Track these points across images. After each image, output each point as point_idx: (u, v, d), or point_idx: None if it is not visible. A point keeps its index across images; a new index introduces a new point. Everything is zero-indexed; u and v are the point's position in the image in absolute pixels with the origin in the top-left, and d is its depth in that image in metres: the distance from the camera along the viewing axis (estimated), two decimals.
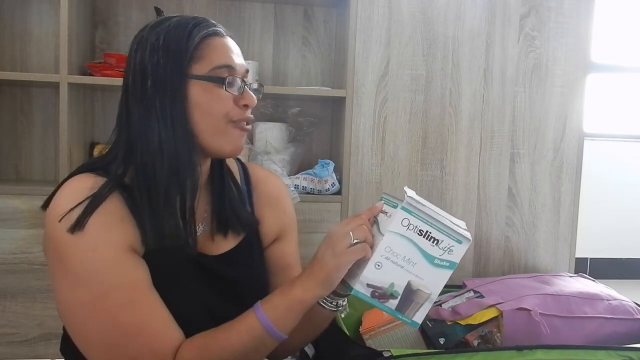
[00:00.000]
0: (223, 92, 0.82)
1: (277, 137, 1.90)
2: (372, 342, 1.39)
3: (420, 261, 0.75)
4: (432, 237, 0.75)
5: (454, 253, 0.75)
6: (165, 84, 0.80)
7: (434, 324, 1.43)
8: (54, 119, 1.91)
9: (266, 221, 0.99)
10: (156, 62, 0.80)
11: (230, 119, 0.83)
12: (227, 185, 0.93)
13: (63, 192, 0.79)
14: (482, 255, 2.00)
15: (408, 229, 0.74)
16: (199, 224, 0.90)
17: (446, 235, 0.75)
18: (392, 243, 0.74)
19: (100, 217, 0.76)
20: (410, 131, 1.93)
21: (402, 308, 0.77)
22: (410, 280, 0.76)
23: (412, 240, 0.74)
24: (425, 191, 1.95)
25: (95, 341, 0.78)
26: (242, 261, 0.94)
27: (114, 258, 0.77)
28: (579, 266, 2.98)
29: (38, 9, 1.92)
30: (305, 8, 2.06)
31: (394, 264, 0.75)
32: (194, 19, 0.85)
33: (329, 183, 1.81)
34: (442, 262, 0.75)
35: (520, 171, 2.00)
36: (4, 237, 1.64)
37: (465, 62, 1.94)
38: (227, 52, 0.84)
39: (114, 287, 0.76)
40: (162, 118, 0.80)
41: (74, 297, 0.77)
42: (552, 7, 1.97)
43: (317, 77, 2.09)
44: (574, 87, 2.01)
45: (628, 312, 1.51)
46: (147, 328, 0.77)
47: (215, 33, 0.84)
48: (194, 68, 0.81)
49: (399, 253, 0.75)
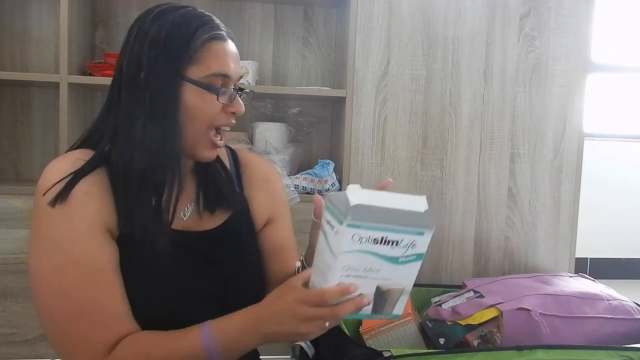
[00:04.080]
0: (214, 100, 0.82)
1: (277, 137, 1.90)
2: (372, 342, 1.39)
3: (384, 265, 0.68)
4: (389, 240, 0.67)
5: (418, 246, 0.68)
6: (158, 80, 0.80)
7: (434, 324, 1.43)
8: (54, 119, 1.91)
9: (257, 202, 0.99)
10: (154, 57, 0.80)
11: (212, 125, 0.84)
12: (212, 166, 0.94)
13: (49, 167, 0.81)
14: (482, 255, 2.00)
15: (361, 242, 0.66)
16: (187, 204, 0.91)
17: (404, 233, 0.67)
18: (347, 262, 0.67)
19: (82, 188, 0.78)
20: (410, 131, 1.93)
21: (378, 309, 0.72)
22: (378, 284, 0.70)
23: (369, 251, 0.67)
24: (425, 191, 1.95)
25: (46, 314, 0.78)
26: (229, 239, 0.93)
27: (84, 233, 0.77)
28: (579, 266, 2.98)
29: (38, 9, 1.92)
30: (305, 8, 2.06)
31: (357, 277, 0.69)
32: (199, 17, 0.84)
33: (329, 183, 1.81)
34: (407, 257, 0.69)
35: (520, 171, 2.00)
36: (4, 237, 1.64)
37: (465, 62, 1.94)
38: (225, 60, 0.83)
39: (74, 263, 0.77)
40: (150, 113, 0.80)
41: (36, 265, 0.78)
42: (552, 7, 1.97)
43: (317, 77, 2.09)
44: (574, 87, 2.01)
45: (628, 312, 1.51)
46: (92, 313, 0.77)
47: (218, 37, 0.83)
48: (191, 71, 0.81)
49: (358, 267, 0.68)
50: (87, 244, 0.78)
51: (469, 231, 1.99)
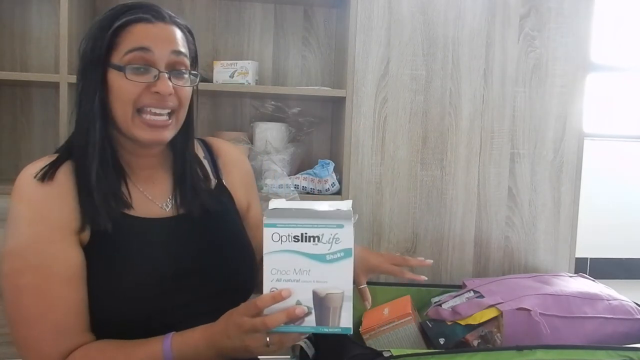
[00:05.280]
0: (132, 80, 0.82)
1: (277, 137, 1.90)
2: (372, 342, 1.39)
3: (313, 266, 0.69)
4: (310, 237, 0.68)
5: (342, 240, 0.68)
6: (87, 71, 0.84)
7: (434, 324, 1.43)
8: (54, 119, 1.91)
9: (235, 182, 1.03)
10: (84, 50, 0.85)
11: (137, 107, 0.84)
12: (187, 166, 0.94)
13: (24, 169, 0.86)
14: (482, 255, 2.00)
15: (282, 241, 0.68)
16: (162, 203, 0.92)
17: (323, 227, 0.68)
18: (274, 264, 0.69)
19: (46, 189, 0.81)
20: (410, 131, 1.93)
21: (322, 320, 0.70)
22: (314, 289, 0.69)
23: (293, 250, 0.68)
24: (425, 191, 1.95)
25: (6, 314, 0.80)
26: (216, 221, 0.94)
27: (45, 238, 0.79)
28: (579, 266, 2.99)
29: (38, 9, 1.92)
30: (305, 8, 2.06)
31: (288, 281, 0.69)
32: (128, 6, 0.85)
33: (329, 183, 1.81)
34: (334, 254, 0.69)
35: (520, 171, 2.00)
36: None
37: (465, 62, 1.94)
38: (144, 37, 0.83)
39: (31, 268, 0.78)
40: (83, 101, 0.84)
41: (2, 262, 0.79)
42: (552, 7, 1.97)
43: (317, 77, 2.09)
44: (574, 87, 2.01)
45: (628, 312, 1.51)
46: (42, 322, 0.77)
47: (139, 19, 0.83)
48: (113, 55, 0.83)
49: (287, 269, 0.69)
50: (46, 249, 0.78)
51: (469, 231, 1.99)
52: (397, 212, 1.94)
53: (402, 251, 1.95)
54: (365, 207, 1.93)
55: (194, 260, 0.89)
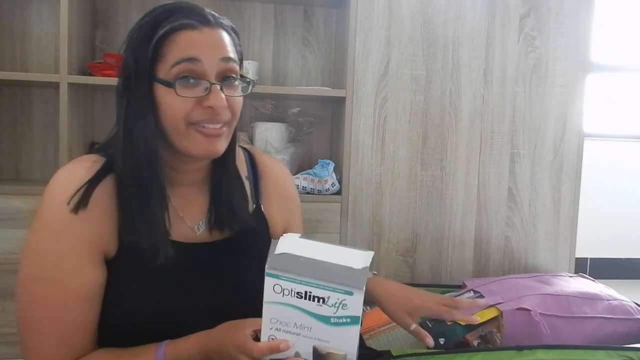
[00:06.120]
0: (179, 95, 0.76)
1: (277, 137, 1.90)
2: (372, 342, 1.39)
3: (315, 324, 0.63)
4: (314, 296, 0.62)
5: (350, 307, 0.62)
6: (132, 85, 0.77)
7: (434, 324, 1.43)
8: (54, 119, 1.91)
9: (274, 215, 0.97)
10: (126, 62, 0.79)
11: (189, 121, 0.78)
12: (226, 181, 0.89)
13: (62, 174, 0.81)
14: (482, 255, 2.00)
15: (283, 295, 0.63)
16: (200, 221, 0.88)
17: (330, 290, 0.62)
18: (274, 314, 0.64)
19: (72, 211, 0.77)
20: (410, 131, 1.93)
21: None
22: (315, 345, 0.65)
23: (294, 305, 0.63)
24: (425, 191, 1.95)
25: (16, 315, 0.80)
26: (237, 250, 0.89)
27: (70, 254, 0.77)
28: (579, 266, 2.98)
29: (38, 9, 1.92)
30: (305, 8, 2.06)
31: (287, 333, 0.64)
32: (167, 11, 0.78)
33: (329, 183, 1.81)
34: (340, 319, 0.62)
35: (520, 171, 2.00)
36: (4, 237, 1.64)
37: (465, 62, 1.94)
38: (190, 46, 0.76)
39: (49, 280, 0.76)
40: (131, 117, 0.78)
41: (21, 268, 0.78)
42: (552, 7, 1.97)
43: (317, 77, 2.09)
44: (574, 87, 2.01)
45: (628, 312, 1.51)
46: (50, 334, 0.77)
47: (182, 27, 0.76)
48: (158, 68, 0.77)
49: (288, 321, 0.64)
50: (69, 265, 0.77)
51: (469, 231, 1.99)
52: (397, 212, 1.94)
53: (402, 251, 1.95)
54: (365, 207, 1.93)
55: (213, 292, 0.86)
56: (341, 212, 1.80)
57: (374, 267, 1.94)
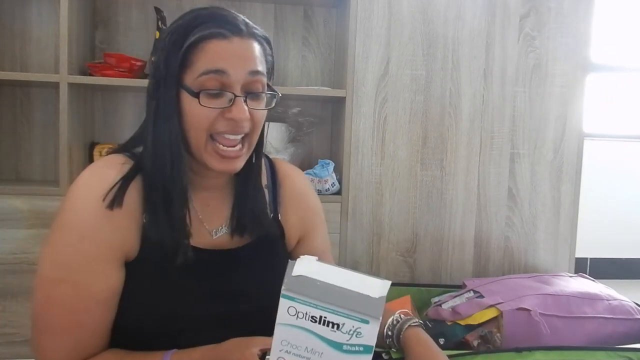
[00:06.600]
0: (203, 105, 0.77)
1: (277, 137, 1.90)
2: None
3: (327, 350, 0.62)
4: (329, 322, 0.61)
5: (364, 335, 0.61)
6: (161, 89, 0.78)
7: (434, 324, 1.43)
8: (54, 119, 1.91)
9: (290, 223, 0.96)
10: (157, 65, 0.79)
11: (210, 133, 0.78)
12: (251, 188, 0.89)
13: (91, 173, 0.80)
14: (482, 255, 2.00)
15: (297, 317, 0.62)
16: (221, 225, 0.89)
17: (346, 317, 0.61)
18: (286, 336, 0.63)
19: (109, 211, 0.77)
20: (410, 131, 1.93)
21: None
22: None
23: (308, 329, 0.62)
24: (425, 191, 1.95)
25: (32, 313, 0.79)
26: (253, 257, 0.90)
27: (91, 257, 0.76)
28: (579, 266, 2.98)
29: (38, 9, 1.92)
30: (305, 8, 2.06)
31: (297, 356, 0.64)
32: (200, 17, 0.78)
33: (329, 183, 1.81)
34: (353, 347, 0.62)
35: (520, 171, 2.00)
36: (4, 237, 1.64)
37: (465, 62, 1.94)
38: (219, 57, 0.76)
39: (69, 282, 0.76)
40: (158, 121, 0.79)
41: (40, 267, 0.78)
42: (552, 7, 1.97)
43: (317, 77, 2.09)
44: (574, 87, 2.01)
45: (628, 312, 1.51)
46: (64, 334, 0.77)
47: (212, 35, 0.76)
48: (186, 75, 0.77)
49: (299, 345, 0.63)
50: (90, 267, 0.76)
51: (469, 231, 1.99)
52: (397, 212, 1.94)
53: (402, 251, 1.95)
54: (365, 207, 1.93)
55: (224, 300, 0.85)
56: (341, 212, 1.80)
57: (375, 267, 1.94)
